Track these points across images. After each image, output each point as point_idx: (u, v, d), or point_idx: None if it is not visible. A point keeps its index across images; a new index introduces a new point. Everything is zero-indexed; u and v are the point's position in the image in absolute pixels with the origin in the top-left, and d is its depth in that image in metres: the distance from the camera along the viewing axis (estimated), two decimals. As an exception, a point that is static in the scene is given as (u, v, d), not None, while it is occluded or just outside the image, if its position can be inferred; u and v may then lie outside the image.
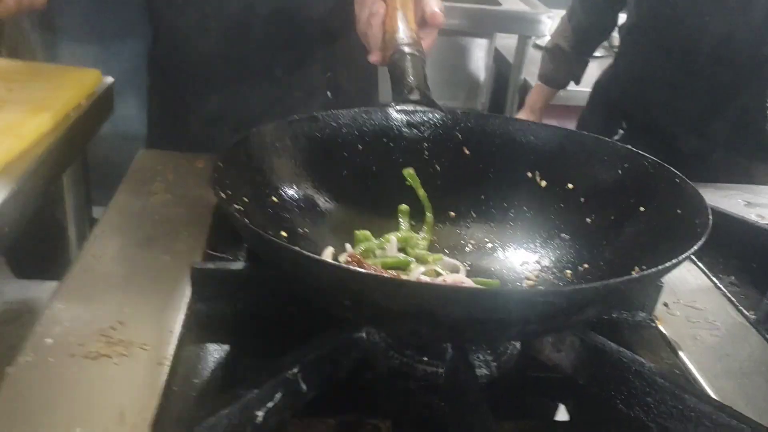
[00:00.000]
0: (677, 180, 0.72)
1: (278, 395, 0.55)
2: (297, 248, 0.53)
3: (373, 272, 0.49)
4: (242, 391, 0.53)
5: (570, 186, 0.83)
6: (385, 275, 0.48)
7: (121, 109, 1.18)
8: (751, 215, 0.86)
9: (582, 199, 0.82)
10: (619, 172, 0.80)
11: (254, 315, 0.71)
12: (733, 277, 0.79)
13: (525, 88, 2.26)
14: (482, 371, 0.63)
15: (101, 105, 1.11)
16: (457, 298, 0.51)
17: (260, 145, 0.79)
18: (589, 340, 0.61)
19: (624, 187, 0.79)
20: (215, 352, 0.67)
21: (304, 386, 0.57)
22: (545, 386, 0.66)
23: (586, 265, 0.75)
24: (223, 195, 0.65)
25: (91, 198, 1.27)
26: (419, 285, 0.49)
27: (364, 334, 0.63)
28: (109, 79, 1.17)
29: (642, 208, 0.75)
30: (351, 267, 0.51)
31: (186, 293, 0.72)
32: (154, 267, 0.78)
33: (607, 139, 0.83)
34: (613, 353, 0.59)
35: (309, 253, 0.53)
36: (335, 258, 0.75)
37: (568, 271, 0.76)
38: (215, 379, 0.64)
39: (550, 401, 0.67)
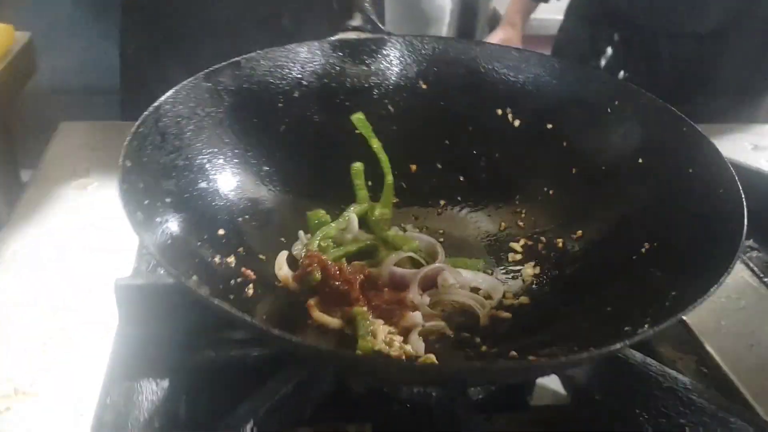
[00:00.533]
0: (685, 129, 0.62)
1: None
2: (250, 320, 0.41)
3: (327, 349, 0.38)
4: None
5: (549, 126, 0.71)
6: (339, 354, 0.37)
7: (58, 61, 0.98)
8: (761, 161, 0.77)
9: (564, 144, 0.70)
10: (609, 110, 0.68)
11: (198, 339, 0.56)
12: (751, 240, 0.71)
13: (495, 18, 2.00)
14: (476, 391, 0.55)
15: (19, 65, 0.98)
16: (413, 375, 0.42)
17: (175, 115, 0.61)
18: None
19: (616, 131, 0.68)
20: (152, 391, 0.53)
21: None
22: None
23: (579, 233, 0.66)
24: (140, 215, 0.50)
25: (18, 160, 1.09)
26: (373, 361, 0.39)
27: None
28: (25, 35, 1.01)
29: (640, 160, 0.64)
30: (304, 344, 0.39)
31: (114, 316, 0.57)
32: (74, 282, 0.63)
33: (594, 67, 0.70)
34: (637, 364, 0.51)
35: (263, 327, 0.41)
36: (290, 258, 0.62)
37: (560, 240, 0.66)
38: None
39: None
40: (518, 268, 0.65)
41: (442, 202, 0.73)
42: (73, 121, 0.88)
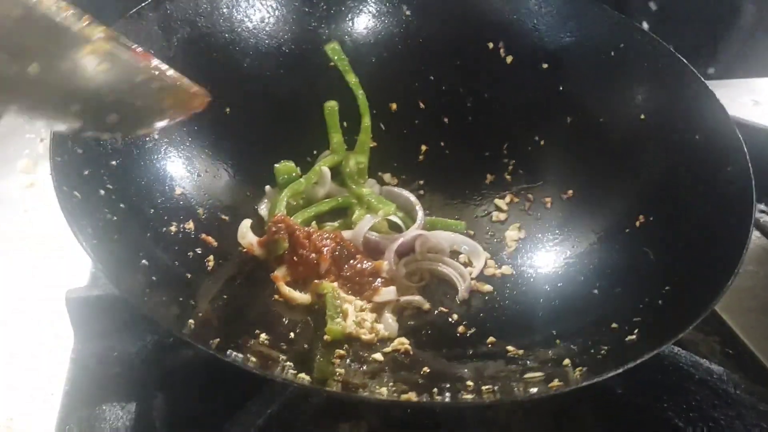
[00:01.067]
0: (694, 85, 0.56)
1: None
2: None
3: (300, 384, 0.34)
4: None
5: (544, 66, 0.64)
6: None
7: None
8: (764, 118, 0.70)
9: (560, 87, 0.64)
10: (612, 54, 0.61)
11: (167, 355, 0.50)
12: (762, 204, 0.65)
13: None
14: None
15: None
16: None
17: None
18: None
19: (618, 79, 0.61)
20: (116, 418, 0.46)
21: None
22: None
23: (570, 192, 0.61)
24: (77, 195, 0.43)
25: None
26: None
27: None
28: None
29: (643, 116, 0.58)
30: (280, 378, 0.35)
31: (67, 330, 0.50)
32: (20, 290, 0.55)
33: (597, 2, 0.62)
34: (664, 355, 0.47)
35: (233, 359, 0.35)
36: (256, 219, 0.57)
37: (548, 199, 0.61)
38: None
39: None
40: (502, 228, 0.61)
41: (423, 148, 0.67)
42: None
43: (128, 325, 0.49)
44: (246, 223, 0.55)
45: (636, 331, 0.43)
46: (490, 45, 0.66)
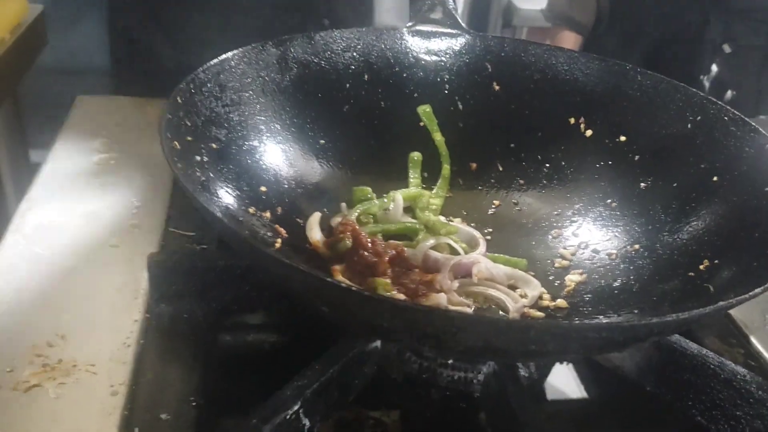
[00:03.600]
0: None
1: None
2: (266, 250, 0.39)
3: (340, 284, 0.34)
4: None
5: (622, 138, 0.67)
6: (354, 289, 0.34)
7: (68, 38, 0.99)
8: None
9: (636, 158, 0.66)
10: (689, 126, 0.63)
11: (235, 317, 0.56)
12: None
13: (509, 10, 1.92)
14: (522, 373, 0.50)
15: (30, 38, 0.92)
16: (444, 324, 0.36)
17: (240, 73, 0.63)
18: (664, 339, 0.48)
19: (693, 147, 0.62)
20: (187, 372, 0.49)
21: (307, 421, 0.43)
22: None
23: (637, 246, 0.60)
24: (177, 144, 0.51)
25: (28, 141, 1.06)
26: (397, 306, 0.35)
27: (379, 344, 0.47)
28: (38, 8, 0.96)
29: (716, 178, 0.59)
30: (316, 275, 0.36)
31: (143, 291, 0.56)
32: (100, 256, 0.60)
33: (678, 83, 0.65)
34: (694, 356, 0.48)
35: (272, 253, 0.38)
36: (324, 224, 0.61)
37: (613, 251, 0.61)
38: (188, 412, 0.46)
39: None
40: (563, 273, 0.61)
41: (496, 203, 0.70)
42: (91, 95, 0.85)
43: (199, 291, 0.53)
44: (316, 217, 0.59)
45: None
46: (572, 120, 0.70)
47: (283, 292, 0.47)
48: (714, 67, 0.87)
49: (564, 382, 0.59)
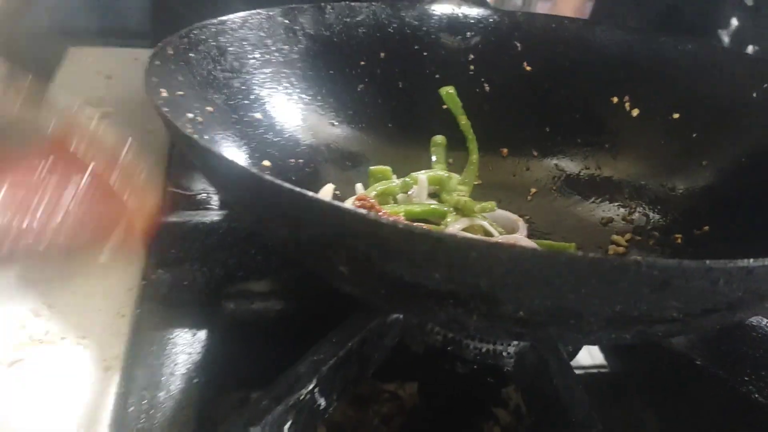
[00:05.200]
0: None
1: (287, 425, 0.35)
2: (263, 175, 0.30)
3: (381, 217, 0.26)
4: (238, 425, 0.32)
5: (675, 116, 0.59)
6: (400, 223, 0.25)
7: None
8: None
9: (694, 135, 0.57)
10: (754, 95, 0.55)
11: (241, 284, 0.48)
12: None
13: None
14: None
15: None
16: (526, 263, 0.27)
17: (241, 37, 0.55)
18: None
19: (759, 118, 0.54)
20: (188, 344, 0.44)
21: (322, 401, 0.37)
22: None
23: (706, 228, 0.51)
24: (164, 92, 0.43)
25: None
26: (462, 241, 0.26)
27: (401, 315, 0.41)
28: None
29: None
30: (344, 206, 0.27)
31: (140, 256, 0.49)
32: (93, 218, 0.53)
33: (737, 50, 0.58)
34: (753, 327, 0.42)
35: (280, 182, 0.29)
36: (337, 200, 0.53)
37: (678, 235, 0.52)
38: (190, 389, 0.41)
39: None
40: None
41: (533, 190, 0.61)
42: (84, 47, 0.80)
43: (199, 255, 0.46)
44: (328, 189, 0.51)
45: None
46: (615, 99, 0.62)
47: (299, 256, 0.38)
48: (734, 21, 0.79)
49: (594, 352, 0.52)
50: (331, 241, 0.30)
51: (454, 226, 0.50)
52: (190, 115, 0.46)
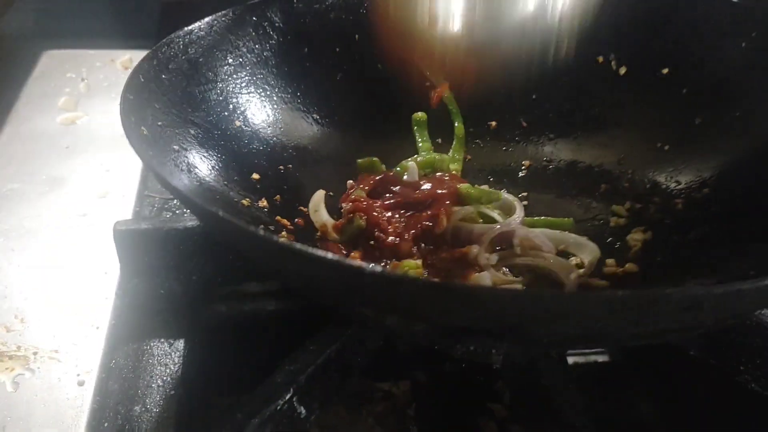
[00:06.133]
0: None
1: None
2: (253, 230, 0.29)
3: (372, 269, 0.25)
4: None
5: (664, 71, 0.57)
6: (391, 275, 0.25)
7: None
8: None
9: (684, 90, 0.56)
10: (743, 44, 0.54)
11: (214, 292, 0.48)
12: None
13: None
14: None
15: None
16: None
17: (210, 44, 0.53)
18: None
19: (753, 68, 0.53)
20: (165, 355, 0.44)
21: (302, 410, 0.37)
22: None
23: (706, 190, 0.51)
24: (145, 130, 0.41)
25: None
26: (496, 293, 0.25)
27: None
28: None
29: (789, 98, 0.49)
30: (329, 257, 0.26)
31: (114, 265, 0.49)
32: (65, 227, 0.54)
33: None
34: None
35: (266, 235, 0.29)
36: (328, 204, 0.52)
37: (678, 200, 0.52)
38: (167, 403, 0.41)
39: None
40: (623, 233, 0.51)
41: (525, 163, 0.60)
42: (58, 49, 0.78)
43: (175, 262, 0.46)
44: (320, 195, 0.50)
45: None
46: (600, 59, 0.61)
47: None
48: None
49: None
50: (348, 295, 0.29)
51: (454, 216, 0.49)
52: (176, 147, 0.44)
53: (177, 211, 0.56)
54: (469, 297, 0.25)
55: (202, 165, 0.47)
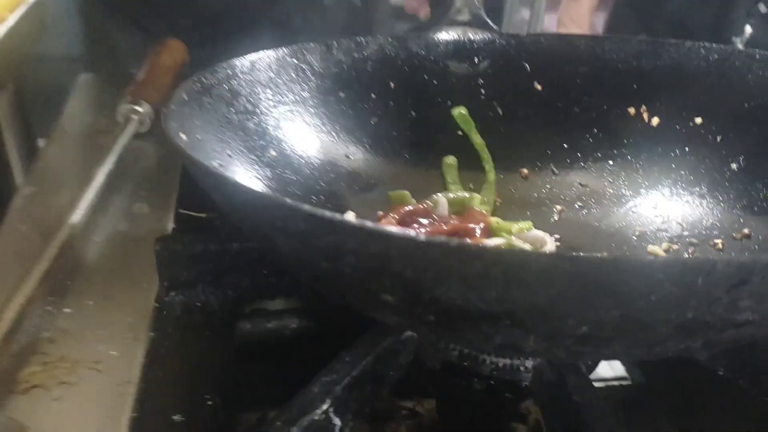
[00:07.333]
0: None
1: None
2: (299, 204, 0.28)
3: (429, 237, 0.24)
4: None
5: (698, 120, 0.58)
6: (451, 240, 0.24)
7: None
8: None
9: (719, 138, 0.56)
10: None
11: (255, 305, 0.50)
12: None
13: None
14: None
15: (31, 20, 0.83)
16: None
17: (252, 78, 0.55)
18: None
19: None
20: (202, 367, 0.44)
21: (338, 421, 0.36)
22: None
23: (746, 230, 0.50)
24: (184, 137, 0.42)
25: (34, 130, 0.97)
26: (519, 254, 0.25)
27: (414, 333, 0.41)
28: None
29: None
30: (389, 228, 0.26)
31: (154, 279, 0.49)
32: (105, 242, 0.55)
33: (751, 50, 0.57)
34: None
35: (316, 209, 0.28)
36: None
37: (719, 241, 0.50)
38: (204, 412, 0.41)
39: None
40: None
41: (558, 208, 0.60)
42: (94, 72, 0.81)
43: (212, 278, 0.47)
44: (350, 216, 0.50)
45: None
46: (632, 111, 0.62)
47: (338, 291, 0.37)
48: (748, 28, 0.79)
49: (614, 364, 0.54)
50: (375, 269, 0.28)
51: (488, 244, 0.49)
52: (215, 163, 0.45)
53: (212, 230, 0.57)
54: (491, 259, 0.24)
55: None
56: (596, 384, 0.45)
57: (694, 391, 0.48)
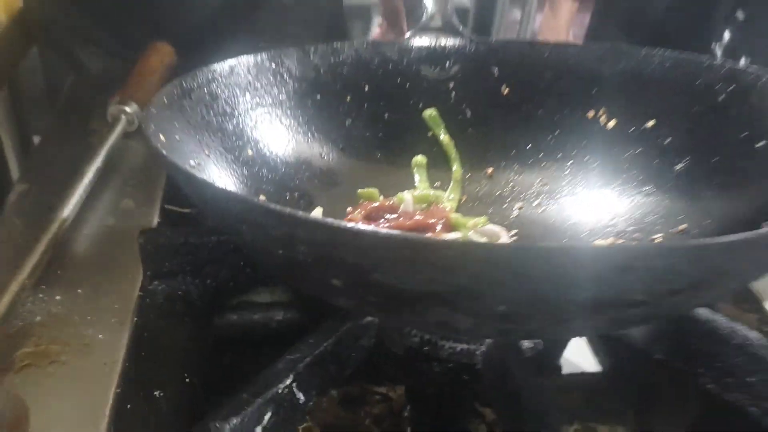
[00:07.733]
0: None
1: (267, 416, 0.39)
2: (258, 201, 0.33)
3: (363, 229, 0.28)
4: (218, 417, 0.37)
5: (650, 124, 0.62)
6: (380, 232, 0.28)
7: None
8: None
9: (667, 140, 0.60)
10: (720, 98, 0.58)
11: (231, 295, 0.54)
12: None
13: None
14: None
15: (26, 21, 0.86)
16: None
17: (231, 82, 0.59)
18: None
19: (728, 118, 0.57)
20: (182, 350, 0.49)
21: (302, 396, 0.41)
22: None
23: (683, 226, 0.53)
24: (162, 137, 0.46)
25: (31, 128, 1.02)
26: (439, 243, 0.29)
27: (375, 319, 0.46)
28: None
29: (762, 143, 0.53)
30: (332, 221, 0.30)
31: (138, 269, 0.54)
32: (94, 235, 0.60)
33: (702, 57, 0.61)
34: (704, 321, 0.45)
35: (275, 206, 0.32)
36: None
37: (658, 236, 0.54)
38: (182, 389, 0.46)
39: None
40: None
41: (518, 205, 0.64)
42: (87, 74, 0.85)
43: (192, 268, 0.51)
44: (317, 211, 0.54)
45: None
46: (591, 114, 0.65)
47: (295, 277, 0.42)
48: (727, 34, 0.82)
49: (579, 355, 0.59)
50: (322, 255, 0.32)
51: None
52: (192, 162, 0.49)
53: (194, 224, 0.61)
54: (413, 247, 0.28)
55: (210, 178, 0.51)
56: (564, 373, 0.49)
57: (643, 376, 0.53)
